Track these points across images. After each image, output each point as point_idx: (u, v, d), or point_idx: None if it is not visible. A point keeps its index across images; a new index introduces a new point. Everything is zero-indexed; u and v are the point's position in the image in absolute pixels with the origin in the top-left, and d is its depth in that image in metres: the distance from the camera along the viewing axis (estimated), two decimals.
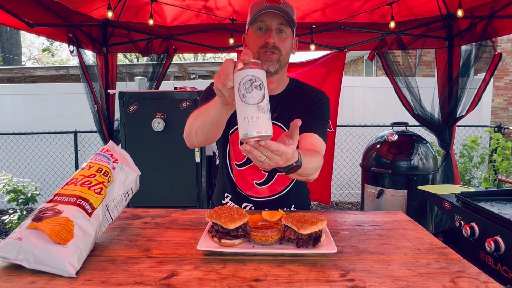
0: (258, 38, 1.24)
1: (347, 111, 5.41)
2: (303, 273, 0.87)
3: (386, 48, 3.27)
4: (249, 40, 1.29)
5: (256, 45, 1.24)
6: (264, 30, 1.24)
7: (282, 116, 1.32)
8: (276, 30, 1.23)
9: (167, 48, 3.42)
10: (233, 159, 1.38)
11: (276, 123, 1.31)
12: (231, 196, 1.41)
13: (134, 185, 1.17)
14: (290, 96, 1.36)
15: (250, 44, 1.27)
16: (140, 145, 2.90)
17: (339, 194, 5.51)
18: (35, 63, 21.34)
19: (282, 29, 1.24)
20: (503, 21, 2.59)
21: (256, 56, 1.24)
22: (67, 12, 2.76)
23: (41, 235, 0.88)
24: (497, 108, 8.39)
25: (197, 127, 1.14)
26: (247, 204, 1.39)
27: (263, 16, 1.21)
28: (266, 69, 1.23)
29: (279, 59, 1.25)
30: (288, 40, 1.26)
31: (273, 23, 1.22)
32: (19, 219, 4.03)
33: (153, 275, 0.86)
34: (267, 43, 1.21)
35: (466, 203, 1.79)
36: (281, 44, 1.24)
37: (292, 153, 0.88)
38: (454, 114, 3.14)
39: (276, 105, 1.31)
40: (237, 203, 1.39)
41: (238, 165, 1.36)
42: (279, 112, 1.32)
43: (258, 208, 1.36)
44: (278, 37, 1.23)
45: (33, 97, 5.58)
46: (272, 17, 1.21)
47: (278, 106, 1.33)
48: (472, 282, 0.83)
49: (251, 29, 1.26)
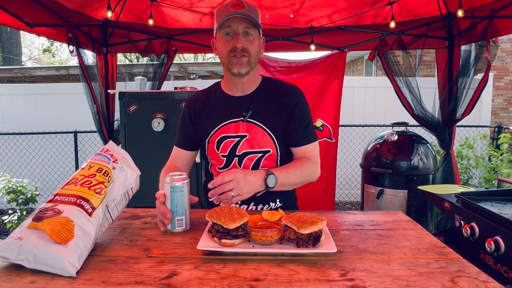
0: (227, 42, 1.31)
1: (347, 111, 5.41)
2: (303, 273, 0.87)
3: (386, 48, 3.26)
4: (218, 44, 1.36)
5: (226, 49, 1.32)
6: (231, 34, 1.31)
7: (256, 113, 1.37)
8: (243, 34, 1.30)
9: (167, 49, 3.42)
10: (214, 163, 1.45)
11: (251, 120, 1.37)
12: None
13: (134, 185, 1.17)
14: (264, 93, 1.42)
15: (220, 48, 1.35)
16: (140, 145, 2.90)
17: (339, 194, 5.51)
18: (35, 63, 21.35)
19: (248, 32, 1.31)
20: (503, 21, 2.58)
21: (226, 59, 1.32)
22: (67, 12, 2.76)
23: (42, 235, 0.88)
24: (497, 108, 8.38)
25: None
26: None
27: (229, 21, 1.28)
28: (238, 72, 1.31)
29: (249, 61, 1.33)
30: (255, 42, 1.34)
31: (239, 27, 1.29)
32: (19, 219, 4.03)
33: (153, 275, 0.86)
34: (236, 47, 1.29)
35: (466, 203, 1.79)
36: (250, 46, 1.31)
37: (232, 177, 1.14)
38: (454, 115, 3.14)
39: (250, 103, 1.38)
40: None
41: (219, 168, 1.42)
42: (253, 109, 1.37)
43: (245, 204, 1.41)
44: (245, 40, 1.31)
45: (33, 97, 5.58)
46: (238, 21, 1.29)
47: (252, 104, 1.38)
48: (471, 281, 0.83)
49: (219, 34, 1.33)
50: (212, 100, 1.44)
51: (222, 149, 1.38)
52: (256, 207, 1.41)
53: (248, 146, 1.36)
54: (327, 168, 3.52)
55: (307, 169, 1.35)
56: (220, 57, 1.36)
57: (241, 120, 1.36)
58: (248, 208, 1.41)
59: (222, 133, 1.38)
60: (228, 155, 1.38)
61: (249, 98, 1.40)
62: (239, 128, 1.37)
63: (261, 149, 1.36)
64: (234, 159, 1.38)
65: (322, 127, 3.48)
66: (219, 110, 1.40)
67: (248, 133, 1.36)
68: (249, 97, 1.40)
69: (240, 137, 1.36)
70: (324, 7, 3.09)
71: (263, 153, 1.37)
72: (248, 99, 1.39)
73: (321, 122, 3.48)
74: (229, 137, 1.37)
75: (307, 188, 3.84)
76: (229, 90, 1.43)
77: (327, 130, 3.49)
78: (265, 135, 1.36)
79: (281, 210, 1.11)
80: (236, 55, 1.30)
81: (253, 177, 1.22)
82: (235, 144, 1.36)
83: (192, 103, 1.46)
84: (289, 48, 3.58)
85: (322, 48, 3.41)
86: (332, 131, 3.50)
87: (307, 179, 1.36)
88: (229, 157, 1.38)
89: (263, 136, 1.36)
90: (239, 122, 1.37)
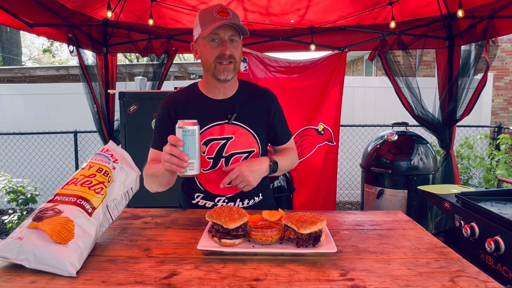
0: (213, 49, 1.32)
1: (347, 111, 5.40)
2: (303, 273, 0.87)
3: (387, 48, 3.26)
4: (203, 49, 1.36)
5: (212, 55, 1.33)
6: (218, 41, 1.32)
7: (240, 115, 1.42)
8: (229, 40, 1.32)
9: (167, 49, 3.42)
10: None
11: (236, 123, 1.41)
12: (203, 195, 1.48)
13: (134, 185, 1.17)
14: (243, 96, 1.46)
15: (205, 54, 1.35)
16: (140, 145, 2.90)
17: (339, 194, 5.50)
18: (35, 63, 21.34)
19: (233, 39, 1.33)
20: (503, 21, 2.58)
21: (212, 66, 1.34)
22: (66, 12, 2.76)
23: (42, 235, 0.88)
24: (497, 108, 8.38)
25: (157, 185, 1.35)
26: (220, 198, 1.46)
27: (216, 29, 1.29)
28: (225, 78, 1.34)
29: (235, 67, 1.35)
30: (239, 47, 1.37)
31: (226, 35, 1.31)
32: (19, 219, 4.03)
33: (153, 275, 0.86)
34: (224, 54, 1.31)
35: (466, 203, 1.79)
36: (235, 52, 1.34)
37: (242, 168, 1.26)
38: (454, 115, 3.14)
39: (233, 107, 1.42)
40: (210, 200, 1.47)
41: (204, 170, 1.43)
42: (238, 112, 1.41)
43: (231, 201, 1.45)
44: (231, 47, 1.32)
45: (33, 97, 5.58)
46: (225, 29, 1.30)
47: (236, 107, 1.42)
48: (471, 281, 0.83)
49: (204, 40, 1.33)
50: (192, 103, 1.45)
51: (208, 151, 1.39)
52: (242, 202, 1.45)
53: (235, 147, 1.40)
54: (328, 172, 3.51)
55: (293, 157, 1.54)
56: (205, 63, 1.37)
57: (226, 122, 1.40)
58: (234, 204, 1.44)
59: (207, 136, 1.39)
60: (215, 157, 1.40)
61: (231, 101, 1.44)
62: (224, 130, 1.40)
63: (247, 149, 1.41)
64: (221, 160, 1.40)
65: (324, 131, 3.46)
66: (202, 113, 1.41)
67: (233, 135, 1.40)
68: (230, 100, 1.44)
69: (226, 139, 1.40)
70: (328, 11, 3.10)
71: (248, 153, 1.42)
72: (230, 102, 1.43)
73: (322, 126, 3.46)
74: (214, 139, 1.39)
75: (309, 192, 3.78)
76: (210, 93, 1.44)
77: (328, 133, 3.47)
78: (249, 136, 1.41)
79: (281, 210, 1.11)
80: (223, 62, 1.32)
81: (258, 165, 1.33)
82: (222, 146, 1.40)
83: (171, 105, 1.46)
84: (289, 48, 3.58)
85: (322, 48, 3.41)
86: (333, 134, 3.48)
87: (293, 165, 1.55)
88: (216, 159, 1.40)
89: (248, 137, 1.41)
90: (224, 125, 1.40)
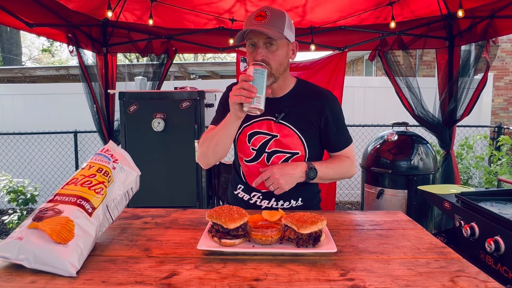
0: (250, 54, 1.33)
1: (347, 111, 5.35)
2: (303, 273, 0.87)
3: (387, 48, 3.26)
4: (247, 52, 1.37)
5: (250, 60, 1.33)
6: (255, 46, 1.31)
7: (288, 116, 1.39)
8: (265, 45, 1.28)
9: (167, 49, 3.42)
10: (243, 156, 1.48)
11: (283, 122, 1.39)
12: (243, 187, 1.50)
13: (134, 185, 1.17)
14: (296, 97, 1.43)
15: (248, 58, 1.37)
16: (140, 145, 2.90)
17: (339, 194, 5.50)
18: (35, 63, 21.33)
19: (271, 42, 1.29)
20: (503, 21, 2.58)
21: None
22: (67, 12, 2.75)
23: (42, 235, 0.88)
24: (497, 108, 8.38)
25: (214, 146, 1.35)
26: (256, 193, 1.46)
27: (250, 34, 1.28)
28: None
29: (271, 72, 1.30)
30: (278, 51, 1.30)
31: (260, 40, 1.28)
32: (19, 219, 4.03)
33: (153, 275, 0.86)
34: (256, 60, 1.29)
35: (466, 203, 1.79)
36: (271, 57, 1.29)
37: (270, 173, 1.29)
38: (454, 115, 3.14)
39: (282, 106, 1.40)
40: (247, 193, 1.48)
41: (246, 161, 1.45)
42: (286, 112, 1.39)
43: (267, 198, 1.44)
44: (267, 51, 1.28)
45: (33, 97, 5.58)
46: (258, 34, 1.27)
47: (284, 107, 1.40)
48: (471, 281, 0.83)
49: (246, 43, 1.34)
50: None
51: (253, 143, 1.42)
52: (276, 203, 1.44)
53: (278, 146, 1.40)
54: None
55: (344, 166, 1.44)
56: None
57: (274, 120, 1.40)
58: (269, 204, 1.44)
59: (255, 128, 1.41)
60: (258, 149, 1.41)
61: (281, 101, 1.42)
62: (271, 127, 1.40)
63: (291, 150, 1.40)
64: (263, 155, 1.41)
65: None
66: None
67: (279, 134, 1.39)
68: (280, 100, 1.42)
69: (272, 136, 1.40)
70: (328, 11, 3.09)
71: (291, 154, 1.40)
72: (280, 102, 1.41)
73: None
74: (261, 133, 1.41)
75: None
76: None
77: None
78: (295, 137, 1.39)
79: (281, 210, 1.11)
80: None
81: (292, 169, 1.32)
82: (266, 141, 1.40)
83: None
84: None
85: (322, 48, 3.41)
86: None
87: (343, 176, 1.47)
88: (259, 152, 1.41)
89: (293, 139, 1.39)
90: (271, 122, 1.40)
